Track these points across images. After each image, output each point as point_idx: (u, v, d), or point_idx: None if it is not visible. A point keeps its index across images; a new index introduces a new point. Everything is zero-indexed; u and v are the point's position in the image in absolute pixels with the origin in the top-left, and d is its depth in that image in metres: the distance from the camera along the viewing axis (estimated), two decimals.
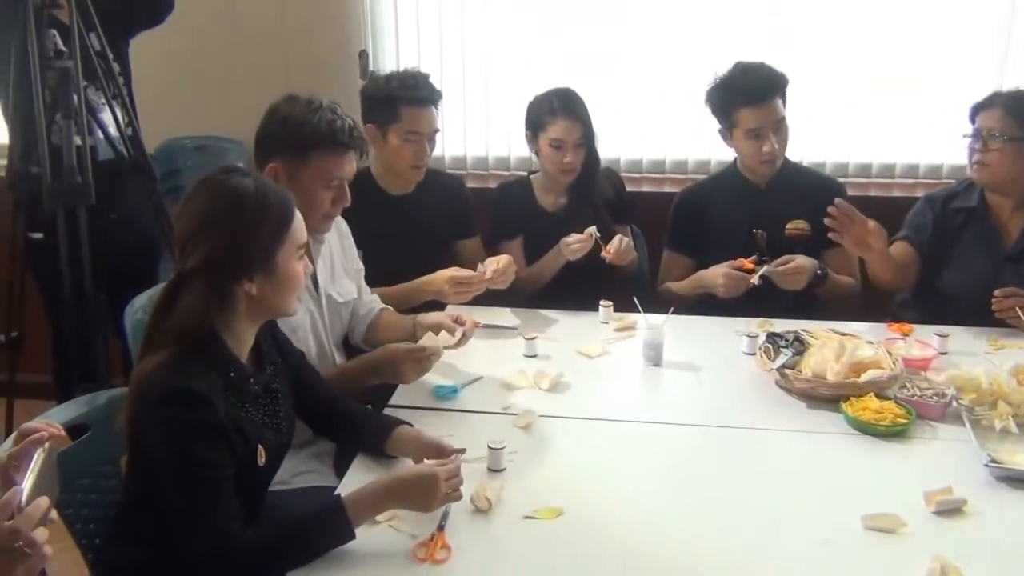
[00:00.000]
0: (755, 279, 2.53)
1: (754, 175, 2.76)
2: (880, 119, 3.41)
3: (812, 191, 2.75)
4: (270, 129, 2.02)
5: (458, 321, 2.19)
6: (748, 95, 2.63)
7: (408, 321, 2.30)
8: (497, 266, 2.47)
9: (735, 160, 2.83)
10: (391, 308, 2.42)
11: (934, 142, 3.42)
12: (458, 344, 2.17)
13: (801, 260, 2.55)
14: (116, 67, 2.71)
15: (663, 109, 3.47)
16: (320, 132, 1.98)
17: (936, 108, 3.36)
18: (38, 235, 2.60)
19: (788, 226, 2.70)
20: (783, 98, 2.67)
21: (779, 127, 2.66)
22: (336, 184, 2.05)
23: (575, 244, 2.63)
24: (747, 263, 2.56)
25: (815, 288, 2.61)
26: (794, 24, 3.33)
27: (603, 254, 2.62)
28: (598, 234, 2.63)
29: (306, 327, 2.13)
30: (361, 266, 2.40)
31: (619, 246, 2.62)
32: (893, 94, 3.36)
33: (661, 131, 3.51)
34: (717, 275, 2.58)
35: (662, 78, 3.44)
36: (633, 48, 3.43)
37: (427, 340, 2.13)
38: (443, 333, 2.16)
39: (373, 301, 2.41)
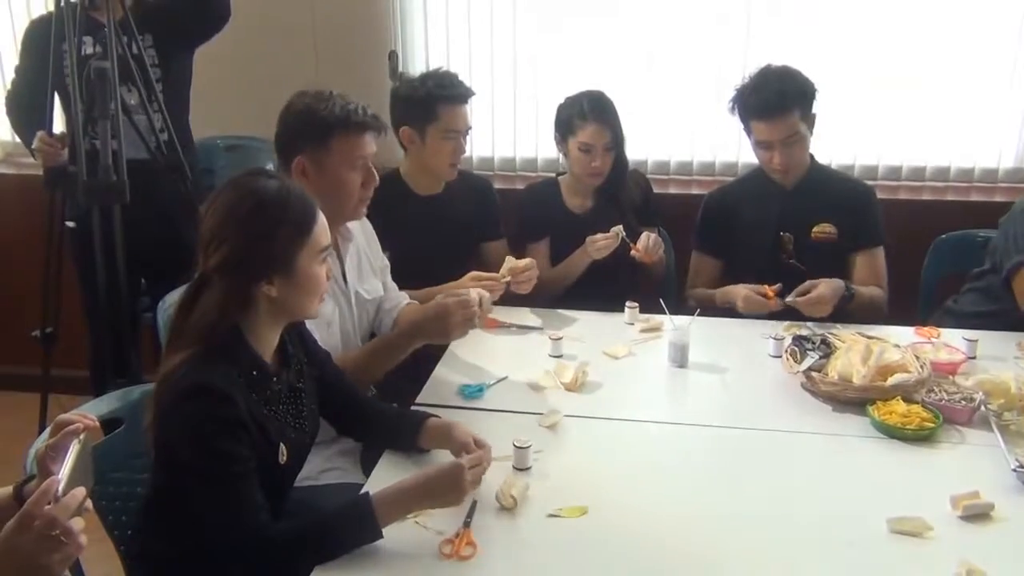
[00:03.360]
0: (777, 305, 2.49)
1: (771, 174, 2.74)
2: (911, 120, 3.39)
3: (840, 195, 2.73)
4: (287, 126, 2.06)
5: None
6: (757, 109, 2.60)
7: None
8: (515, 266, 2.47)
9: None
10: (416, 302, 2.44)
11: (964, 144, 3.40)
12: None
13: (822, 289, 2.46)
14: (157, 72, 2.78)
15: (691, 111, 3.47)
16: (335, 115, 2.02)
17: (968, 109, 3.34)
18: (71, 223, 2.68)
19: (814, 229, 2.69)
20: (804, 109, 2.60)
21: (789, 142, 2.60)
22: (361, 164, 2.07)
23: (601, 242, 2.64)
24: (770, 291, 2.51)
25: (843, 306, 2.53)
26: (823, 25, 3.31)
27: (633, 252, 2.63)
28: (624, 233, 2.64)
29: (335, 323, 2.16)
30: (386, 262, 2.43)
31: (648, 243, 2.63)
32: (924, 95, 3.34)
33: (689, 133, 3.51)
34: (739, 295, 2.57)
35: (691, 80, 3.44)
36: (662, 50, 3.43)
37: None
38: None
39: (399, 296, 2.43)
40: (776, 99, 2.57)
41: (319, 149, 2.03)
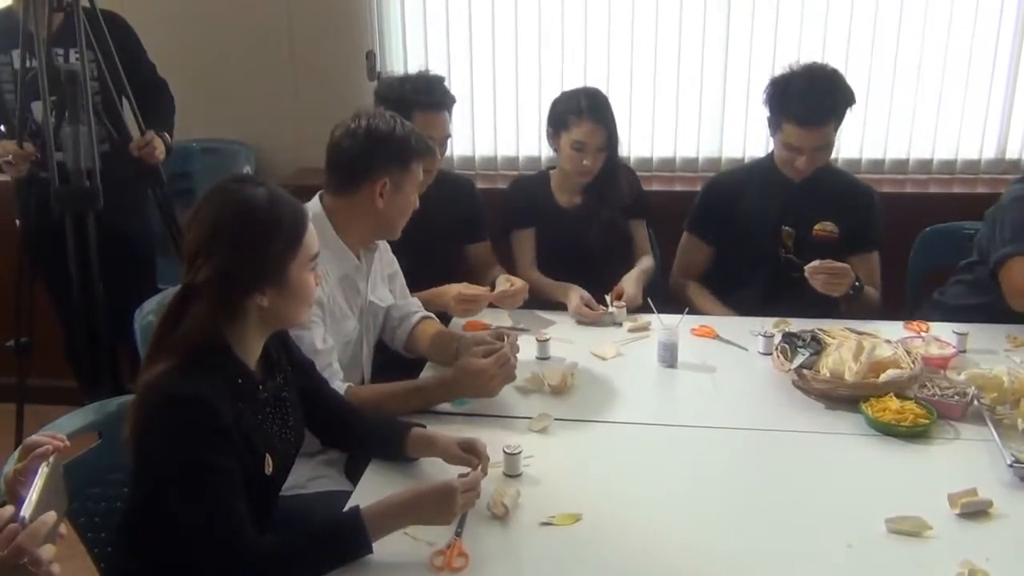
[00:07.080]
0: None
1: (787, 171, 2.69)
2: (892, 113, 3.38)
3: (844, 195, 2.71)
4: (368, 146, 2.03)
5: (500, 338, 2.13)
6: (799, 117, 2.52)
7: (451, 340, 2.24)
8: (507, 287, 2.44)
9: (771, 153, 2.74)
10: (435, 318, 2.39)
11: (946, 136, 3.40)
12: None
13: (844, 265, 2.45)
14: (95, 86, 2.67)
15: (673, 107, 3.45)
16: (416, 140, 2.07)
17: (949, 101, 3.35)
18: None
19: (816, 227, 2.66)
20: (840, 119, 2.57)
21: (820, 151, 2.56)
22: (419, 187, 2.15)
23: (586, 315, 2.53)
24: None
25: (847, 300, 2.51)
26: (803, 20, 3.30)
27: (609, 300, 2.58)
28: (613, 310, 2.55)
29: (352, 336, 2.14)
30: (397, 267, 2.38)
31: (629, 297, 2.57)
32: (905, 87, 3.34)
33: (671, 129, 3.49)
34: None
35: (673, 75, 3.41)
36: (644, 45, 3.40)
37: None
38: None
39: (411, 305, 2.39)
40: (821, 113, 2.51)
41: (402, 171, 2.06)
